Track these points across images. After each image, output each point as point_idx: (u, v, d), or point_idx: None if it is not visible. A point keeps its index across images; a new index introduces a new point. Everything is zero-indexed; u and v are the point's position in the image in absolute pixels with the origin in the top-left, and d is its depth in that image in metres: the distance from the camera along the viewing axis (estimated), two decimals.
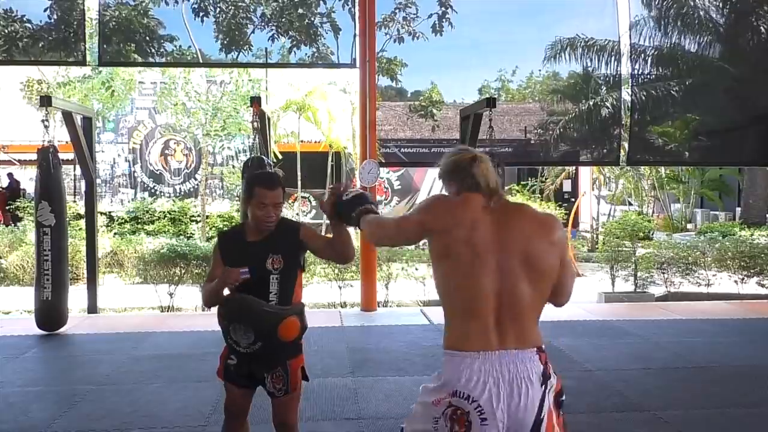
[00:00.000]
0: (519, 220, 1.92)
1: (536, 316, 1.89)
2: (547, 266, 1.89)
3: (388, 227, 2.15)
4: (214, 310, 2.70)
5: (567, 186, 16.84)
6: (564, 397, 1.99)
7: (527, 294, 1.83)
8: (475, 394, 1.74)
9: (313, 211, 15.95)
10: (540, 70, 8.85)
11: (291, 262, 2.63)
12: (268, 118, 7.77)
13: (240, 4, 7.83)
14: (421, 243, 2.21)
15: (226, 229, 3.01)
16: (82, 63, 8.22)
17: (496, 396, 1.74)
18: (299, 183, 14.20)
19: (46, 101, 6.39)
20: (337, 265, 8.19)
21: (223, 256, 2.68)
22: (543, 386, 1.81)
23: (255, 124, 6.85)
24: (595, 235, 13.80)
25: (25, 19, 7.66)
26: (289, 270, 2.62)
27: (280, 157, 13.17)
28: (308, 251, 2.74)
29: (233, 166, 15.34)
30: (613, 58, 8.52)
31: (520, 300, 1.83)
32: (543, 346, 1.87)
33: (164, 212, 14.32)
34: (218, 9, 7.80)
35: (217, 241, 2.76)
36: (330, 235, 2.66)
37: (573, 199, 15.27)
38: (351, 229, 2.49)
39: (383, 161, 8.20)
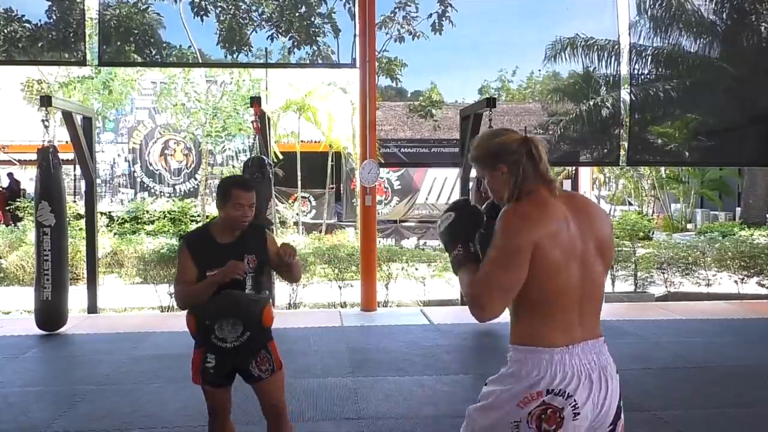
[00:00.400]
0: (587, 208, 1.86)
1: (602, 304, 1.89)
2: (612, 253, 1.89)
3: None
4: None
5: (567, 186, 16.84)
6: None
7: (603, 283, 1.84)
8: (570, 389, 1.70)
9: (313, 211, 15.96)
10: (540, 70, 8.86)
11: (262, 260, 2.77)
12: (269, 118, 7.77)
13: (240, 3, 7.83)
14: (420, 243, 2.17)
15: (190, 232, 3.00)
16: (82, 63, 8.22)
17: (588, 389, 1.71)
18: (299, 183, 14.21)
19: (46, 101, 6.39)
20: (332, 265, 8.26)
21: (194, 258, 2.71)
22: (617, 374, 1.82)
23: (255, 124, 6.86)
24: None
25: (24, 19, 7.66)
26: (261, 268, 2.78)
27: (280, 157, 13.17)
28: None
29: (233, 166, 15.35)
30: (613, 58, 8.53)
31: (599, 290, 1.83)
32: None
33: (164, 212, 14.32)
34: (218, 9, 7.80)
35: (185, 244, 2.77)
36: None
37: None
38: (351, 230, 2.46)
39: (383, 161, 8.20)
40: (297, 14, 7.80)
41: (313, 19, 7.82)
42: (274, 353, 2.82)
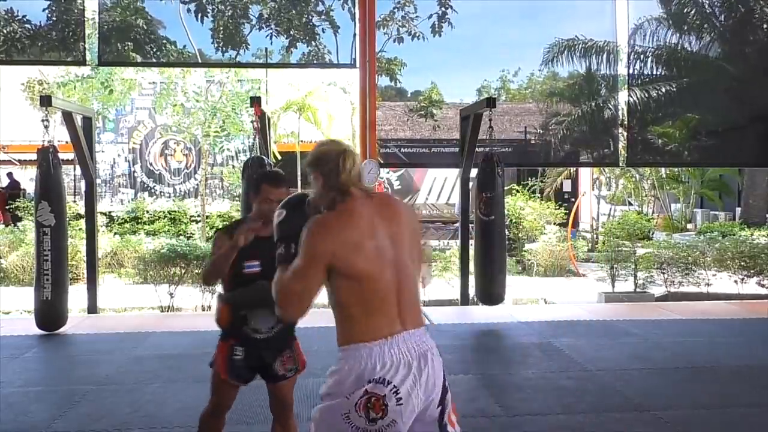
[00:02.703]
0: (394, 208, 2.01)
1: (419, 296, 2.03)
2: (421, 244, 2.07)
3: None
4: (209, 312, 2.73)
5: (567, 186, 16.84)
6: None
7: (416, 277, 2.00)
8: (389, 376, 1.82)
9: None
10: (540, 71, 8.86)
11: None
12: (269, 119, 7.77)
13: (238, 3, 7.82)
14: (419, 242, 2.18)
15: (227, 224, 3.01)
16: (82, 63, 8.22)
17: (406, 374, 1.84)
18: (299, 183, 14.20)
19: (46, 101, 6.39)
20: None
21: None
22: (440, 357, 1.95)
23: (255, 124, 6.86)
24: (595, 235, 13.80)
25: (24, 19, 7.66)
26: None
27: (279, 157, 13.17)
28: None
29: (233, 166, 15.33)
30: (612, 58, 8.53)
31: (414, 285, 1.98)
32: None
33: (164, 212, 14.31)
34: (216, 9, 7.80)
35: (225, 231, 2.79)
36: None
37: (573, 199, 15.27)
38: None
39: (383, 161, 8.19)
40: (295, 14, 7.80)
41: (311, 18, 7.82)
42: (299, 353, 2.87)
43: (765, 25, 8.71)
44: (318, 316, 2.05)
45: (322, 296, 1.98)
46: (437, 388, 1.90)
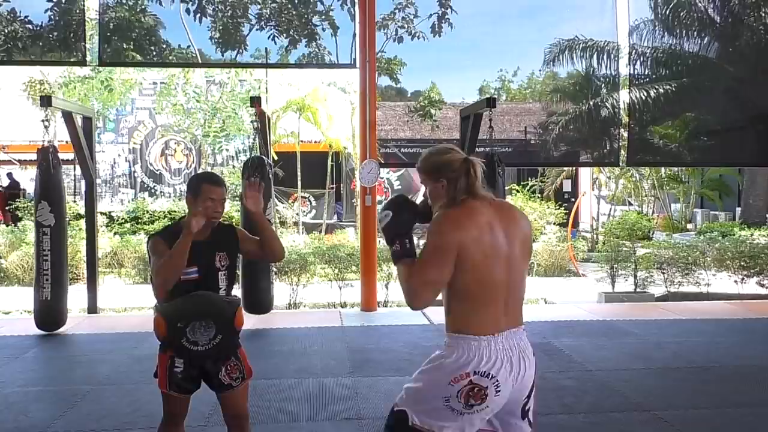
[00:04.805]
0: (511, 214, 2.17)
1: (524, 296, 2.20)
2: (531, 249, 2.24)
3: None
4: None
5: (567, 186, 16.84)
6: None
7: (525, 278, 2.16)
8: (494, 371, 1.99)
9: (313, 211, 15.96)
10: (540, 71, 8.87)
11: (233, 259, 2.78)
12: (268, 119, 7.77)
13: (238, 3, 7.82)
14: (420, 242, 2.23)
15: (159, 229, 2.91)
16: (82, 63, 8.22)
17: (508, 370, 2.01)
18: (299, 183, 14.20)
19: (46, 101, 6.39)
20: (332, 265, 8.23)
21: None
22: (535, 357, 2.14)
23: (255, 124, 6.86)
24: (595, 235, 13.80)
25: (25, 19, 7.66)
26: (232, 267, 2.79)
27: (276, 158, 13.16)
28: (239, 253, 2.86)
29: (233, 166, 15.34)
30: (612, 58, 8.53)
31: (522, 284, 2.14)
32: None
33: (164, 212, 14.31)
34: (216, 9, 7.80)
35: (161, 238, 2.68)
36: (257, 237, 2.80)
37: (573, 199, 15.27)
38: (351, 230, 2.50)
39: (383, 161, 8.20)
40: (295, 14, 7.80)
41: (311, 18, 7.82)
42: (244, 360, 2.79)
43: (765, 26, 8.70)
44: (316, 316, 2.03)
45: (322, 296, 2.00)
46: (529, 385, 2.09)
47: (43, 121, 6.43)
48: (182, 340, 2.62)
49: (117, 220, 13.87)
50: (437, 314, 7.39)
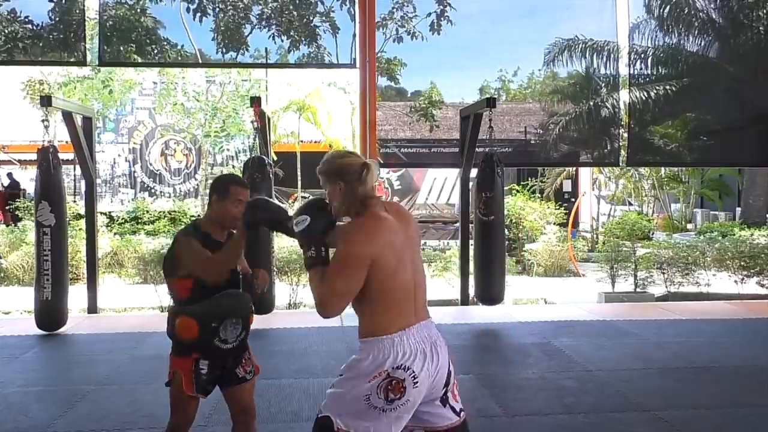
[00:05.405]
0: (404, 214, 2.27)
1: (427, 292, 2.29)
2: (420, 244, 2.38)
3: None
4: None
5: (567, 186, 16.83)
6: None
7: (425, 278, 2.27)
8: (409, 363, 2.06)
9: None
10: (540, 71, 8.86)
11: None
12: (269, 119, 7.77)
13: (238, 4, 7.82)
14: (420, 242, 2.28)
15: (187, 229, 2.87)
16: (83, 63, 8.22)
17: (422, 360, 2.08)
18: (299, 183, 14.21)
19: (46, 101, 6.39)
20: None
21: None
22: (445, 344, 2.22)
23: (255, 124, 6.86)
24: (595, 235, 13.80)
25: (26, 19, 7.66)
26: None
27: (276, 158, 13.17)
28: None
29: (233, 166, 15.35)
30: (612, 58, 8.53)
31: (424, 280, 2.24)
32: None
33: (164, 212, 14.31)
34: (217, 9, 7.80)
35: (192, 234, 2.70)
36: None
37: (573, 199, 15.27)
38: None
39: (383, 161, 8.19)
40: (296, 14, 7.80)
41: (311, 19, 7.82)
42: (252, 355, 2.89)
43: (765, 26, 8.70)
44: (316, 316, 2.04)
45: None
46: (444, 372, 2.16)
47: (43, 121, 6.43)
48: (215, 339, 2.67)
49: (117, 220, 13.87)
50: (437, 314, 7.39)
